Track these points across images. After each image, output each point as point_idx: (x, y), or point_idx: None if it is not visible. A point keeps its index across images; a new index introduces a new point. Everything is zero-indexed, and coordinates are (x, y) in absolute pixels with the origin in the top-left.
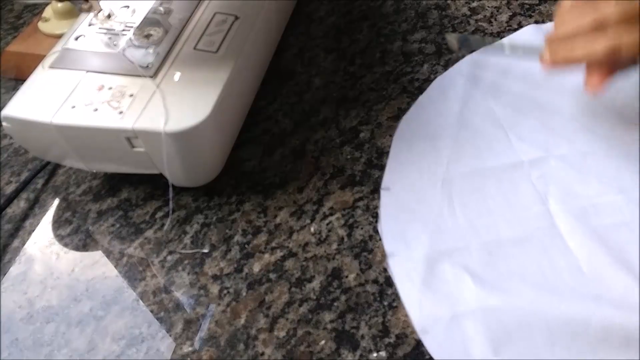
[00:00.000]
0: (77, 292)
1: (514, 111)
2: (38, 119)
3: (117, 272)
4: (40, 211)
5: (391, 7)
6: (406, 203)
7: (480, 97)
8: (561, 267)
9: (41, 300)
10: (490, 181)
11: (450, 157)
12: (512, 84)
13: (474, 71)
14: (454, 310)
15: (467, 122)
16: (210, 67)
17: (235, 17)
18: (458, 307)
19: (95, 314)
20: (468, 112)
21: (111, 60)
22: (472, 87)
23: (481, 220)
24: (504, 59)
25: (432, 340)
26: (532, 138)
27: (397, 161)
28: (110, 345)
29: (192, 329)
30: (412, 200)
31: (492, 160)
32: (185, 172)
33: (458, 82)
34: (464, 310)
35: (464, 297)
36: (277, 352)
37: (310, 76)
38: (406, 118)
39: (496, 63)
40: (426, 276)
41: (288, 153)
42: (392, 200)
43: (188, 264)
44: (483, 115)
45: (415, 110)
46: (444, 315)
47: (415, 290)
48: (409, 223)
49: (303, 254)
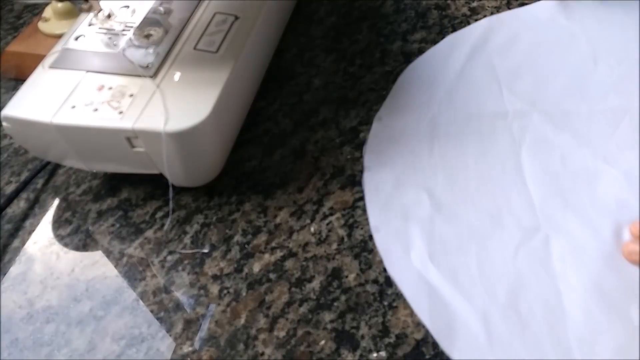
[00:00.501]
0: (77, 292)
1: (513, 69)
2: (38, 119)
3: (117, 272)
4: (40, 211)
5: (391, 7)
6: (393, 133)
7: (486, 55)
8: (514, 202)
9: (41, 300)
10: (473, 125)
11: (442, 100)
12: (519, 48)
13: (487, 33)
14: (406, 217)
15: (466, 74)
16: (210, 67)
17: (235, 17)
18: (410, 216)
19: (95, 314)
20: (470, 66)
21: (111, 60)
22: (481, 46)
23: (454, 160)
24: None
25: (381, 238)
26: (522, 92)
27: (394, 98)
28: (110, 345)
29: (192, 329)
30: (398, 131)
31: (479, 107)
32: (185, 172)
33: (468, 41)
34: (414, 219)
35: (417, 211)
36: (277, 352)
37: (310, 76)
38: (413, 65)
39: (508, 29)
40: (391, 191)
41: (288, 153)
42: (381, 129)
43: (188, 264)
44: (483, 69)
45: (422, 60)
46: (396, 219)
47: (378, 198)
48: (390, 149)
49: (303, 254)
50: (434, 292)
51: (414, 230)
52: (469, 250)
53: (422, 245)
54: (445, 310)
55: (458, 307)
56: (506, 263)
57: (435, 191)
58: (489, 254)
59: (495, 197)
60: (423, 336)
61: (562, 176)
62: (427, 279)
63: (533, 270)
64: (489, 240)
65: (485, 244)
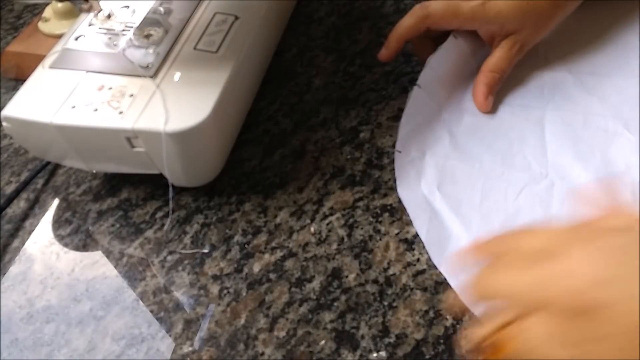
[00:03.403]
0: (77, 292)
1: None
2: (38, 119)
3: (117, 272)
4: (40, 211)
5: (391, 7)
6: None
7: None
8: (529, 149)
9: (41, 300)
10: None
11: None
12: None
13: None
14: (425, 150)
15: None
16: (210, 67)
17: (235, 17)
18: (428, 150)
19: (95, 314)
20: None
21: (111, 60)
22: None
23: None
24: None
25: (400, 159)
26: (561, 54)
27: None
28: (110, 345)
29: (192, 329)
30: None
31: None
32: (185, 172)
33: None
34: (431, 153)
35: (436, 147)
36: (277, 352)
37: (310, 76)
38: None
39: None
40: (421, 122)
41: (288, 153)
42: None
43: (188, 264)
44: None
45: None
46: (416, 149)
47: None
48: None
49: (303, 254)
50: (435, 214)
51: (430, 162)
52: (475, 185)
53: (433, 176)
54: (442, 229)
55: (454, 230)
56: (508, 200)
57: (457, 133)
58: (494, 190)
59: (511, 144)
60: (423, 336)
61: (580, 133)
62: (432, 203)
63: (532, 210)
64: (497, 180)
65: (492, 182)
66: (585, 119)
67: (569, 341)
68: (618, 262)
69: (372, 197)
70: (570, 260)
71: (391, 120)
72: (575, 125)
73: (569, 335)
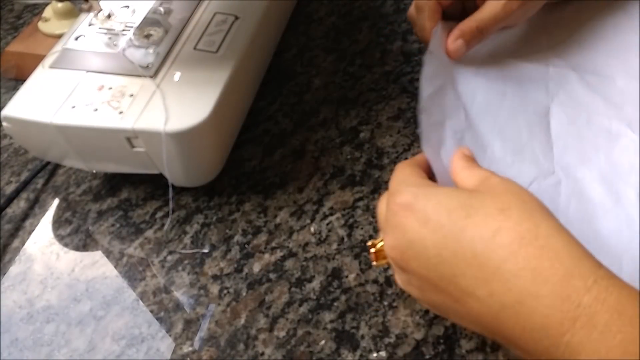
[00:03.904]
0: (77, 292)
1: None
2: (38, 119)
3: (117, 272)
4: (40, 211)
5: (391, 7)
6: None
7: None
8: (537, 144)
9: (41, 300)
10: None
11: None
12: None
13: None
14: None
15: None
16: (210, 67)
17: (235, 17)
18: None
19: (95, 314)
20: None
21: (111, 60)
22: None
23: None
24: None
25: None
26: (566, 51)
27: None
28: (110, 345)
29: (192, 329)
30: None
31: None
32: (185, 172)
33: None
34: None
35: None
36: (277, 352)
37: (310, 76)
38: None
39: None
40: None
41: (288, 153)
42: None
43: (188, 264)
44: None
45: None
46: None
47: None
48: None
49: (303, 254)
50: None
51: (448, 132)
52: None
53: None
54: None
55: None
56: None
57: (471, 111)
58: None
59: (520, 132)
60: (423, 336)
61: (584, 133)
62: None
63: None
64: (507, 168)
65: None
66: (589, 119)
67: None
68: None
69: (372, 197)
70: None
71: (391, 120)
72: (579, 124)
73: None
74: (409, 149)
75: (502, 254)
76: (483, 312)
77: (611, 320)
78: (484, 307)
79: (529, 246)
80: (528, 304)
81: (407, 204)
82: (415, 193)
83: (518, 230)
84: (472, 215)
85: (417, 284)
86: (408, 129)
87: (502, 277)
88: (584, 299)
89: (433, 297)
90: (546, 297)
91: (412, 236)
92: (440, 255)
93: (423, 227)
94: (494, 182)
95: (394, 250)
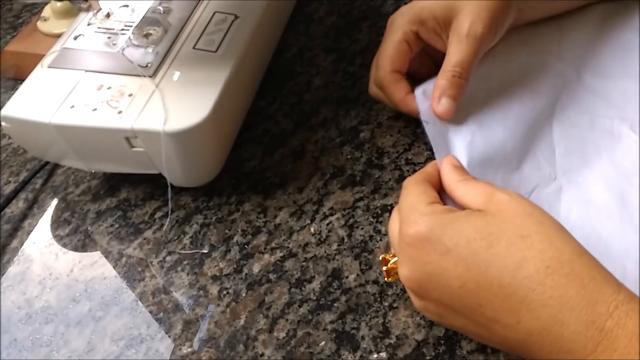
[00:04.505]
0: (76, 292)
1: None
2: (37, 119)
3: (116, 273)
4: (39, 211)
5: (391, 7)
6: None
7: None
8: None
9: (40, 301)
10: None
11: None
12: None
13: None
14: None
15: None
16: (209, 67)
17: (234, 17)
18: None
19: (94, 314)
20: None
21: (110, 59)
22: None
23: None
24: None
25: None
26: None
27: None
28: (109, 346)
29: (192, 330)
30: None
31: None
32: (185, 172)
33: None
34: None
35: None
36: (277, 353)
37: (310, 76)
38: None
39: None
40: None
41: (288, 153)
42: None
43: (187, 264)
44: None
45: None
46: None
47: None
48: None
49: (303, 255)
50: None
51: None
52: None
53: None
54: None
55: None
56: None
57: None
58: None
59: (525, 137)
60: (424, 337)
61: (587, 135)
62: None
63: None
64: (512, 174)
65: (509, 175)
66: (592, 121)
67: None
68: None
69: (372, 197)
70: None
71: (391, 120)
72: (581, 126)
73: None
74: (410, 149)
75: (528, 284)
76: (510, 337)
77: (630, 345)
78: (511, 333)
79: (555, 274)
80: (555, 331)
81: (422, 237)
82: (429, 223)
83: (542, 259)
84: (494, 245)
85: (435, 310)
86: (408, 129)
87: (530, 306)
88: (607, 324)
89: (454, 322)
90: (572, 324)
91: (432, 269)
92: (464, 287)
93: (444, 259)
94: (501, 199)
95: (411, 282)
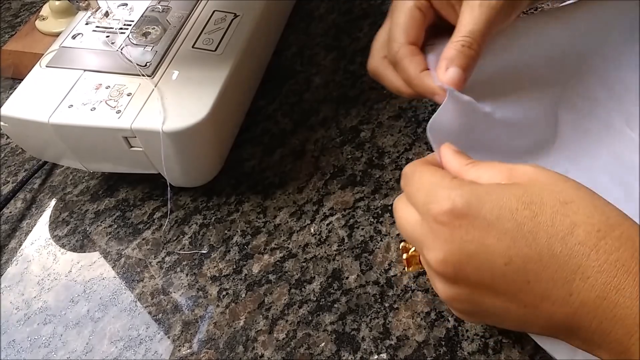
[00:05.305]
0: (75, 293)
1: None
2: (35, 119)
3: (114, 273)
4: (37, 211)
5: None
6: None
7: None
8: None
9: (38, 302)
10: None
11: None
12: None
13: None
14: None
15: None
16: (209, 66)
17: (234, 15)
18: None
19: (93, 315)
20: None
21: (109, 58)
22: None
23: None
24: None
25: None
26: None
27: None
28: (107, 347)
29: (191, 331)
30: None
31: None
32: (184, 172)
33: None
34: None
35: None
36: (277, 354)
37: (310, 75)
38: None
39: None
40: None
41: (288, 153)
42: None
43: (186, 265)
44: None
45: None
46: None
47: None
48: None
49: (303, 255)
50: None
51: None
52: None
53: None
54: None
55: None
56: None
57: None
58: None
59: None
60: (425, 338)
61: (587, 126)
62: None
63: None
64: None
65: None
66: (591, 110)
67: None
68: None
69: (372, 197)
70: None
71: (392, 120)
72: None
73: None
74: (410, 149)
75: (582, 250)
76: (558, 313)
77: None
78: (561, 308)
79: (607, 238)
80: (610, 298)
81: (459, 212)
82: (463, 196)
83: (592, 223)
84: (539, 213)
85: (469, 297)
86: (409, 128)
87: (584, 274)
88: None
89: (490, 309)
90: (628, 288)
91: (473, 247)
92: (511, 263)
93: (485, 235)
94: (526, 170)
95: (446, 265)
